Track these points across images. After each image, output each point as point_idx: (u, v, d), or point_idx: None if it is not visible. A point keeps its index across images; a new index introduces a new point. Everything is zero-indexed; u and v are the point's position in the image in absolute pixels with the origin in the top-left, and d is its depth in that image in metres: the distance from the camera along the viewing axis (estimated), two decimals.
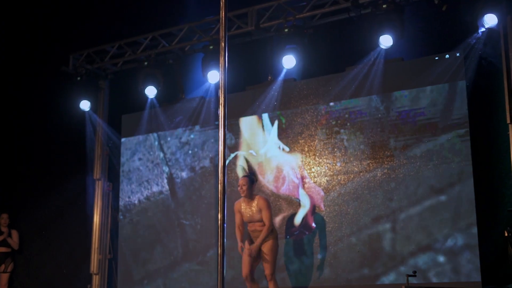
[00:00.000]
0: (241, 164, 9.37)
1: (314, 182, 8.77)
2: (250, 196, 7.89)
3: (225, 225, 3.96)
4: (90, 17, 10.78)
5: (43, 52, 11.28)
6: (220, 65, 4.15)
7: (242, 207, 7.94)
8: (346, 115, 8.72)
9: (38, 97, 11.36)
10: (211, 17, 9.67)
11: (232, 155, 9.35)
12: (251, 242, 7.92)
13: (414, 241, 8.03)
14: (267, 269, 7.87)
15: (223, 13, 4.23)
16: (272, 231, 7.90)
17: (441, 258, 7.80)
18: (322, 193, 8.69)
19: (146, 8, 10.47)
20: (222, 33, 4.19)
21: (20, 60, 11.61)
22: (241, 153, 9.38)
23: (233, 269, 8.76)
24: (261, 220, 7.84)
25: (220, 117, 4.03)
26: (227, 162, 7.42)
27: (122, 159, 10.52)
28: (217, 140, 9.45)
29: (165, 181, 9.99)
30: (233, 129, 9.38)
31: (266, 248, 7.88)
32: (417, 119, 8.22)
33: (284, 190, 8.96)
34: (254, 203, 7.87)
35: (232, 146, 9.37)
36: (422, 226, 8.02)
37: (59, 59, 10.77)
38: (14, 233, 10.96)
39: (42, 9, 11.25)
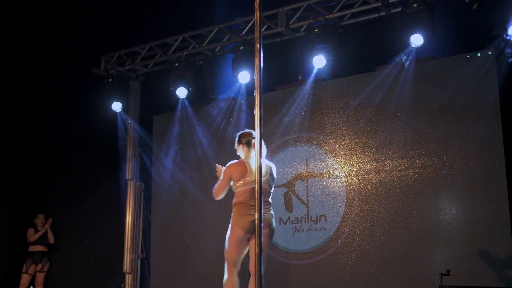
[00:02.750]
0: None
1: (346, 182, 8.78)
2: (250, 156, 6.83)
3: (262, 225, 3.98)
4: (121, 19, 10.88)
5: (75, 54, 11.41)
6: (256, 66, 4.15)
7: (237, 168, 6.77)
8: (377, 114, 8.71)
9: (71, 99, 11.51)
10: (240, 18, 9.72)
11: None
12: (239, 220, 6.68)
13: (447, 240, 7.99)
14: (252, 255, 6.61)
15: (258, 14, 4.23)
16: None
17: (475, 258, 7.75)
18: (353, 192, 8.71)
19: (176, 10, 10.55)
20: (257, 34, 4.19)
21: (52, 63, 11.76)
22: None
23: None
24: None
25: (256, 117, 4.04)
26: None
27: (154, 159, 10.61)
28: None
29: (198, 181, 10.05)
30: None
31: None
32: (449, 119, 8.18)
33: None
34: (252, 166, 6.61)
35: None
36: (454, 225, 7.99)
37: (90, 61, 10.89)
38: (49, 232, 11.11)
39: (74, 12, 11.38)
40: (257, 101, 4.07)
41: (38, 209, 11.43)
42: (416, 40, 8.24)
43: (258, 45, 4.18)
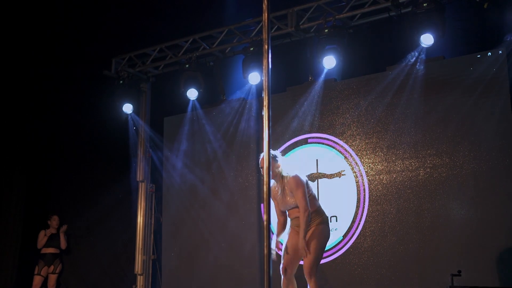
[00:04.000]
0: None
1: (356, 182, 8.76)
2: (277, 177, 6.54)
3: (270, 226, 3.99)
4: (131, 21, 10.90)
5: (85, 56, 11.44)
6: (264, 67, 4.16)
7: (274, 191, 6.55)
8: (388, 115, 8.69)
9: (82, 101, 11.53)
10: (250, 19, 9.73)
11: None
12: (293, 235, 6.56)
13: (458, 240, 7.95)
14: (305, 262, 6.40)
15: (266, 15, 4.24)
16: (316, 214, 6.51)
17: (486, 259, 7.71)
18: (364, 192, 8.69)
19: (186, 11, 10.56)
20: (265, 35, 4.20)
21: (64, 65, 11.79)
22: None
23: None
24: (296, 206, 6.45)
25: (264, 118, 4.05)
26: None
27: (165, 161, 10.63)
28: (258, 141, 9.60)
29: (208, 182, 10.05)
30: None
31: (308, 236, 6.39)
32: (460, 119, 8.15)
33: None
34: (283, 185, 6.53)
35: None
36: (465, 225, 7.95)
37: (101, 63, 10.92)
38: (62, 237, 11.14)
39: (85, 14, 11.41)
40: (265, 102, 4.08)
41: (49, 210, 11.48)
42: (427, 40, 8.22)
43: (266, 46, 4.19)
